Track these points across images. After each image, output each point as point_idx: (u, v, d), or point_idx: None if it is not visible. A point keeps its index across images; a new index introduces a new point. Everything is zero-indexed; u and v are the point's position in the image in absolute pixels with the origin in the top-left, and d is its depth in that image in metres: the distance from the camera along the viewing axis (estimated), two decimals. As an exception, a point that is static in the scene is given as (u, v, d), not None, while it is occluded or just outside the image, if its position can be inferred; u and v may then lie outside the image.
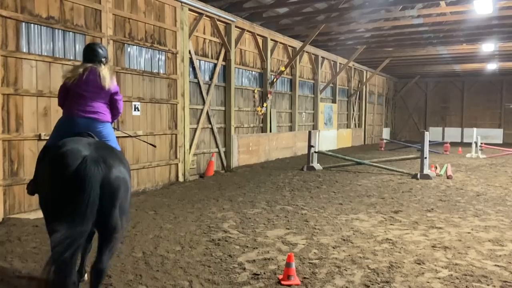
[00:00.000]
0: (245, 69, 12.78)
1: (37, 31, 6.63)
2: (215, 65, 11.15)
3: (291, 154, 15.39)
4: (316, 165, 12.11)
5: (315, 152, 12.15)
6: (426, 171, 10.61)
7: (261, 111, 13.42)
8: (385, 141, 21.52)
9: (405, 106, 30.30)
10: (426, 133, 10.70)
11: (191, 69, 10.19)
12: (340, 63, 19.76)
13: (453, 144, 22.01)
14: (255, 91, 13.26)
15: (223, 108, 11.59)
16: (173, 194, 8.12)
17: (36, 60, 6.58)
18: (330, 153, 13.25)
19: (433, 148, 18.12)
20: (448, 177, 10.67)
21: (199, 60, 10.59)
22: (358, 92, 22.99)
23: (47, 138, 6.64)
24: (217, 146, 11.30)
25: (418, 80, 28.50)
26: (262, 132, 13.74)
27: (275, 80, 13.90)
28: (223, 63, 11.48)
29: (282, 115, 15.29)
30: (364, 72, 23.53)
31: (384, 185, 9.63)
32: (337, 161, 13.73)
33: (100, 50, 3.58)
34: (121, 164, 2.98)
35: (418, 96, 29.68)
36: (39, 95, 6.62)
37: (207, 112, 10.84)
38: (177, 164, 9.53)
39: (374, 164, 11.91)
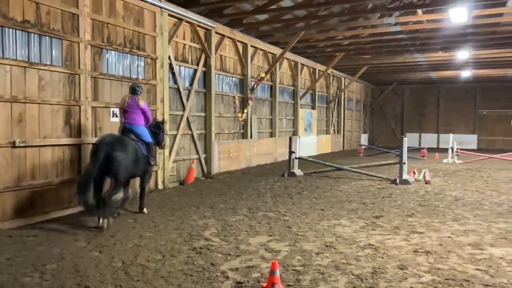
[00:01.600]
0: (226, 75, 12.76)
1: (12, 35, 6.44)
2: (195, 71, 11.10)
3: (272, 160, 15.40)
4: (297, 171, 12.15)
5: (296, 158, 12.18)
6: (405, 176, 10.77)
7: (241, 117, 13.40)
8: (363, 147, 21.82)
9: (383, 113, 30.82)
10: (405, 138, 10.86)
11: (170, 74, 10.12)
12: (319, 70, 19.97)
13: (430, 149, 22.48)
14: (236, 97, 13.24)
15: (203, 114, 11.54)
16: (152, 202, 7.99)
17: (11, 65, 6.39)
18: (310, 159, 13.29)
19: (411, 154, 18.47)
20: (427, 182, 10.85)
21: (179, 65, 10.53)
22: (337, 99, 23.27)
23: (23, 145, 6.45)
24: (197, 153, 11.23)
25: (395, 87, 29.06)
26: (242, 138, 13.72)
27: (255, 86, 13.91)
28: (203, 69, 11.45)
29: (263, 121, 15.31)
30: (343, 79, 23.85)
31: (364, 190, 9.71)
32: (318, 167, 13.81)
33: (138, 88, 7.19)
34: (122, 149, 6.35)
35: (395, 103, 30.25)
36: (13, 101, 6.42)
37: (187, 118, 10.77)
38: (156, 171, 9.41)
39: (354, 169, 12.02)
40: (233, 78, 13.22)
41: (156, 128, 7.55)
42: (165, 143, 8.07)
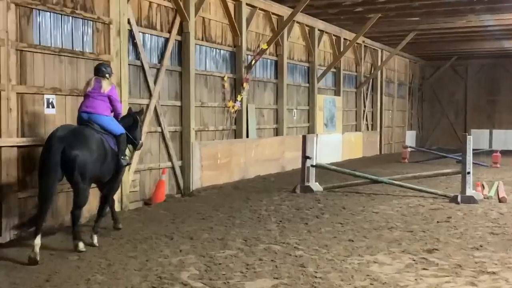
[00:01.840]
0: (211, 47, 12.75)
1: None
2: (167, 40, 11.09)
3: (277, 169, 15.41)
4: (314, 185, 12.13)
5: (313, 166, 12.17)
6: (470, 191, 10.77)
7: (233, 107, 13.41)
8: (409, 149, 21.83)
9: (437, 100, 30.93)
10: (469, 137, 10.87)
11: (131, 46, 10.11)
12: (345, 39, 20.01)
13: (506, 153, 22.51)
14: (225, 79, 13.24)
15: (178, 103, 11.52)
16: (105, 230, 7.97)
17: None
18: (333, 167, 13.25)
19: (478, 159, 18.46)
20: (501, 200, 10.88)
21: (143, 33, 10.50)
22: (371, 80, 23.32)
23: None
24: (170, 159, 11.21)
25: (454, 63, 29.17)
26: (235, 137, 13.73)
27: (253, 62, 13.91)
28: (178, 37, 11.42)
29: (265, 113, 15.31)
30: (379, 51, 23.89)
31: (411, 212, 9.70)
32: (344, 178, 13.74)
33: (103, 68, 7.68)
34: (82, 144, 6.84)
35: (454, 86, 30.36)
36: None
37: (155, 109, 10.75)
38: (111, 186, 9.39)
39: (397, 182, 12.00)
40: (222, 51, 13.20)
41: (130, 122, 8.06)
42: (142, 142, 8.63)
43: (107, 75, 7.63)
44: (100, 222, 7.55)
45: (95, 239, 7.22)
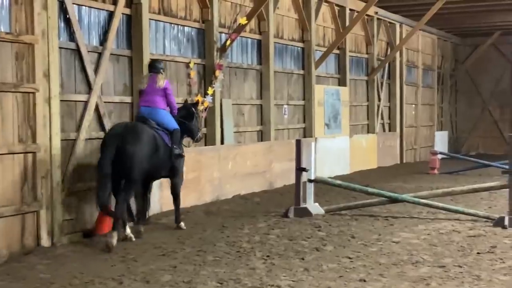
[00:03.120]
0: (171, 23, 12.78)
1: None
2: (111, 14, 11.08)
3: (263, 185, 15.42)
4: (313, 206, 12.14)
5: (310, 180, 12.19)
6: (521, 212, 10.82)
7: (203, 103, 13.39)
8: (440, 156, 21.95)
9: (476, 90, 31.12)
10: (518, 139, 10.96)
11: (63, 23, 10.08)
12: (351, 10, 20.10)
13: None
14: (191, 66, 13.26)
15: (128, 100, 11.53)
16: (29, 275, 7.90)
17: None
18: (338, 181, 13.24)
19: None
20: (562, 223, 10.95)
21: (79, 5, 10.50)
22: (388, 65, 23.42)
23: None
24: (117, 175, 11.18)
25: (498, 39, 29.41)
26: (205, 144, 13.75)
27: (229, 43, 13.91)
28: (127, 10, 11.43)
29: (245, 111, 15.33)
30: (398, 26, 24.03)
31: (443, 241, 9.70)
32: (353, 196, 13.75)
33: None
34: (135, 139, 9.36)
35: (499, 71, 30.57)
36: None
37: (97, 108, 10.73)
38: (36, 213, 9.37)
39: (423, 201, 12.03)
40: (186, 29, 13.23)
41: (187, 113, 10.89)
42: (201, 134, 11.66)
43: (161, 71, 10.37)
44: (179, 212, 10.82)
45: (182, 224, 10.73)
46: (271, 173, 15.76)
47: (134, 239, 9.77)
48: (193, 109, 11.08)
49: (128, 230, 9.83)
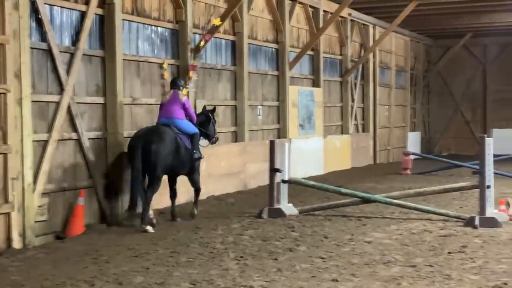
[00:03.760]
0: (144, 23, 12.75)
1: None
2: (83, 15, 11.04)
3: (237, 186, 15.41)
4: (287, 207, 12.15)
5: (284, 181, 12.19)
6: (491, 212, 10.90)
7: (176, 104, 13.37)
8: (412, 157, 22.05)
9: (448, 91, 31.36)
10: (489, 140, 11.02)
11: (34, 23, 10.04)
12: (325, 12, 20.15)
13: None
14: (165, 66, 13.23)
15: (101, 100, 11.48)
16: (0, 278, 7.82)
17: None
18: (312, 182, 13.26)
19: (502, 168, 18.74)
20: (531, 222, 11.06)
21: (51, 5, 10.45)
22: (361, 66, 23.51)
23: None
24: (90, 176, 11.17)
25: (469, 41, 29.67)
26: (179, 145, 13.68)
27: (202, 44, 13.88)
28: (99, 11, 11.39)
29: (219, 112, 15.27)
30: (371, 27, 24.14)
31: (414, 240, 9.75)
32: (327, 197, 13.79)
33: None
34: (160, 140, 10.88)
35: (470, 72, 30.84)
36: None
37: (69, 109, 10.68)
38: (8, 215, 9.31)
39: (395, 201, 12.10)
40: (159, 29, 13.21)
41: (203, 119, 12.37)
42: (217, 136, 12.99)
43: (181, 87, 11.90)
44: (196, 205, 11.99)
45: (196, 211, 11.87)
46: (245, 174, 15.75)
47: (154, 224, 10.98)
48: (210, 114, 12.49)
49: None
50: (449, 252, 8.90)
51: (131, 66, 12.33)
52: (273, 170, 12.10)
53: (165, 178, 11.49)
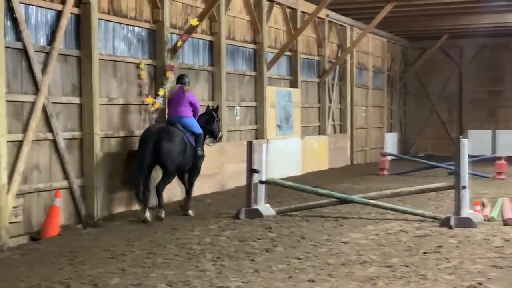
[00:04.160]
0: (121, 23, 12.70)
1: None
2: (59, 14, 10.97)
3: (214, 187, 15.38)
4: (264, 208, 12.16)
5: (262, 182, 12.20)
6: (466, 212, 10.97)
7: (154, 104, 13.31)
8: (389, 157, 22.15)
9: (425, 92, 31.55)
10: (465, 140, 11.09)
11: (9, 22, 9.98)
12: (303, 13, 20.18)
13: (512, 160, 23.12)
14: (142, 66, 13.18)
15: (76, 100, 11.42)
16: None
17: None
18: (289, 183, 13.27)
19: (477, 169, 18.89)
20: (507, 223, 11.11)
21: (26, 4, 10.38)
22: (339, 67, 23.58)
23: None
24: (66, 177, 11.10)
25: (445, 43, 29.88)
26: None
27: (180, 44, 13.85)
28: (75, 10, 11.33)
29: (196, 112, 15.29)
30: (348, 28, 24.22)
31: (390, 241, 9.81)
32: (304, 197, 13.81)
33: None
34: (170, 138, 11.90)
35: (446, 74, 31.05)
36: None
37: (44, 109, 10.61)
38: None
39: (372, 201, 12.15)
40: (136, 29, 13.16)
41: (209, 118, 13.07)
42: (222, 134, 14.00)
43: (187, 83, 12.71)
44: (189, 201, 12.50)
45: (190, 212, 12.31)
46: (222, 174, 15.72)
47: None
48: (214, 113, 13.22)
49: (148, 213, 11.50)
50: (424, 252, 8.97)
51: (108, 66, 12.27)
52: (251, 171, 12.09)
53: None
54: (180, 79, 12.66)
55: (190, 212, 12.29)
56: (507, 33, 27.95)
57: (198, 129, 12.44)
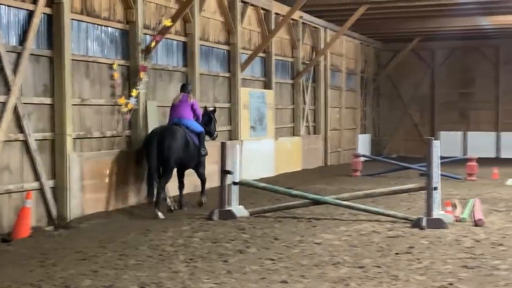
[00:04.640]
0: (93, 23, 12.64)
1: None
2: (31, 14, 10.91)
3: (188, 188, 15.27)
4: (237, 209, 12.19)
5: (235, 183, 12.23)
6: (438, 213, 11.09)
7: (127, 105, 13.27)
8: (362, 158, 22.26)
9: (397, 94, 31.76)
10: (436, 142, 11.19)
11: (-21, 22, 9.93)
12: (277, 14, 20.20)
13: (483, 161, 23.35)
14: (115, 67, 13.13)
15: (48, 101, 11.38)
16: None
17: None
18: (263, 184, 13.29)
19: (448, 170, 19.05)
20: (477, 224, 11.23)
21: (-3, 4, 10.35)
22: (313, 69, 23.65)
23: None
24: (37, 178, 11.04)
25: (418, 45, 30.10)
26: (129, 146, 13.64)
27: (153, 44, 13.81)
28: (47, 10, 11.28)
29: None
30: (322, 30, 24.30)
31: (363, 242, 9.87)
32: (277, 198, 13.86)
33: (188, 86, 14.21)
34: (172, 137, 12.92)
35: (418, 76, 31.29)
36: None
37: (15, 109, 10.56)
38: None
39: (345, 202, 12.20)
40: (109, 29, 13.12)
41: (206, 119, 14.09)
42: (217, 133, 14.78)
43: (190, 91, 13.74)
44: (204, 195, 13.70)
45: (204, 199, 13.61)
46: (195, 175, 15.66)
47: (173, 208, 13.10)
48: (211, 114, 14.39)
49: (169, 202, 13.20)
50: (396, 253, 9.04)
51: (80, 66, 12.22)
52: (224, 172, 12.12)
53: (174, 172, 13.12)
54: (184, 88, 13.61)
55: (203, 199, 13.59)
56: (478, 36, 28.27)
57: (199, 127, 13.34)
